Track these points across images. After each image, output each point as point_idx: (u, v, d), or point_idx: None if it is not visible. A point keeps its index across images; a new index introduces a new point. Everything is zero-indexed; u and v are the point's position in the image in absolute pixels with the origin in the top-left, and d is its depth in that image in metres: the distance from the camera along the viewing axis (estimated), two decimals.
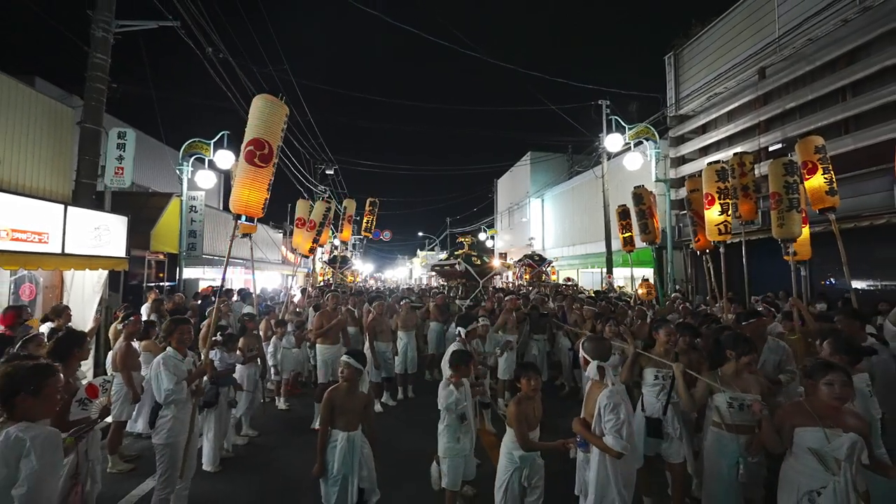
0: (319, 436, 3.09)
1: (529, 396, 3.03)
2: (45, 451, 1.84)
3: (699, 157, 13.20)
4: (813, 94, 9.47)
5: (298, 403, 6.76)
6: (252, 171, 4.00)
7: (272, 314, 7.40)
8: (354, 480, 3.02)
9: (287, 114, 4.11)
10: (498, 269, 11.39)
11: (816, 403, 2.41)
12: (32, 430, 1.85)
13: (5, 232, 5.50)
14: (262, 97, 3.97)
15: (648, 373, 3.69)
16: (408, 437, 5.38)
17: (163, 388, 3.14)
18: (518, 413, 2.95)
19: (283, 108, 4.05)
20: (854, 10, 8.62)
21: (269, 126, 3.92)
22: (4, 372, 1.92)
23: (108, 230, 7.30)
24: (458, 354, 3.63)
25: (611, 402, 2.65)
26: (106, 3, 8.15)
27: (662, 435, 3.46)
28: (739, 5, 11.61)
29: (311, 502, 2.93)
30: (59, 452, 1.95)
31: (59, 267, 6.51)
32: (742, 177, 6.57)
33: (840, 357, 2.93)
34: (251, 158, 3.97)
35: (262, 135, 3.92)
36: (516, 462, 2.96)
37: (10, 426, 1.83)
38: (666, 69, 14.35)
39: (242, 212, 4.01)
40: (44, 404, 1.96)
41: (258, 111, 3.97)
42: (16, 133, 6.85)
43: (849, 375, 2.40)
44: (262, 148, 3.87)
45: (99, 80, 8.07)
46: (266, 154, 3.88)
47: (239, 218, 4.28)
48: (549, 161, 26.28)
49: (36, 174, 7.17)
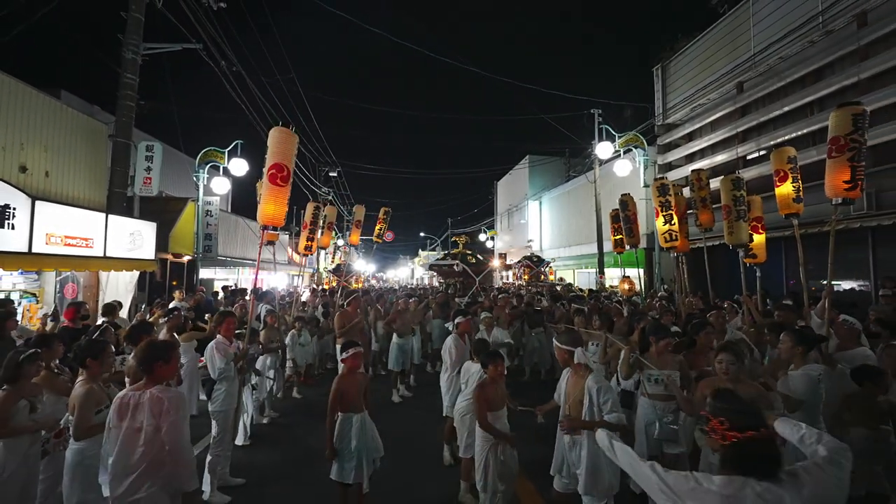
0: (328, 423, 3.46)
1: (495, 381, 3.47)
2: (179, 406, 2.53)
3: (685, 163, 13.96)
4: (784, 108, 10.24)
5: (312, 392, 7.56)
6: (275, 189, 4.81)
7: (283, 311, 8.22)
8: (369, 456, 3.50)
9: (297, 141, 4.93)
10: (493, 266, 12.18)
11: (720, 379, 3.16)
12: (167, 392, 2.55)
13: (60, 238, 6.33)
14: (277, 129, 4.78)
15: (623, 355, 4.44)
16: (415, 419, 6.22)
17: (217, 366, 3.94)
18: (480, 395, 3.40)
19: (295, 136, 4.87)
20: (818, 32, 9.39)
21: (285, 152, 4.75)
22: (147, 344, 2.71)
23: (141, 235, 8.14)
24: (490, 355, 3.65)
25: (600, 384, 2.97)
26: (135, 27, 8.96)
27: (633, 405, 4.12)
28: (719, 23, 12.39)
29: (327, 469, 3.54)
30: (186, 408, 2.65)
31: (101, 268, 7.34)
32: (700, 190, 7.35)
33: (797, 347, 3.46)
34: (274, 179, 4.78)
35: (281, 159, 4.74)
36: (490, 439, 3.40)
37: (152, 388, 2.57)
38: (654, 80, 15.14)
39: (268, 223, 4.83)
40: (171, 370, 2.72)
41: (276, 140, 4.78)
42: (60, 149, 7.69)
43: (737, 356, 3.16)
44: (282, 171, 4.69)
45: (129, 97, 8.89)
46: (285, 175, 4.71)
47: (266, 228, 5.10)
48: (546, 164, 27.02)
49: (78, 185, 8.01)
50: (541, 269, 17.07)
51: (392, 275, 56.15)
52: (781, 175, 6.00)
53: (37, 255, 5.92)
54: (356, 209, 10.34)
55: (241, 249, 18.01)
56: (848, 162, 4.47)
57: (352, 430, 3.44)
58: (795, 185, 5.86)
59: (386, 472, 4.00)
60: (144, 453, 2.46)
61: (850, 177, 4.47)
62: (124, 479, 2.45)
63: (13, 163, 6.72)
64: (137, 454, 2.46)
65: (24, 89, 6.98)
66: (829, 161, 4.63)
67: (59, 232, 6.30)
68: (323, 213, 8.67)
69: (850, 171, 4.47)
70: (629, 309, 7.87)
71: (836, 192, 4.58)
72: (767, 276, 8.84)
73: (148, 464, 2.47)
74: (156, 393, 2.51)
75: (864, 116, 4.49)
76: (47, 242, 6.10)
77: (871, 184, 8.55)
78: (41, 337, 3.76)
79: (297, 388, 7.46)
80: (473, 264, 11.51)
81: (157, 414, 2.49)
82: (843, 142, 4.49)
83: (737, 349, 3.27)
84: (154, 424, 2.48)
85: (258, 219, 5.01)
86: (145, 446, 2.47)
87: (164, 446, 2.48)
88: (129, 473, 2.45)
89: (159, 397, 2.50)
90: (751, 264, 6.96)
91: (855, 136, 4.46)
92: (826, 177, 4.65)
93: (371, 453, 3.54)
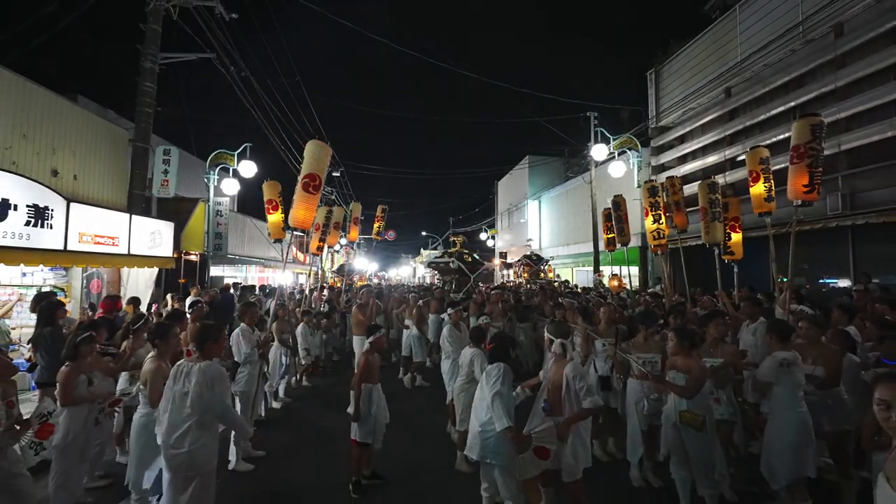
0: (357, 392, 4.08)
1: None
2: (218, 380, 3.07)
3: (678, 165, 14.46)
4: (768, 112, 10.75)
5: (319, 381, 8.11)
6: (306, 196, 5.36)
7: (294, 305, 8.77)
8: (381, 421, 4.20)
9: (331, 154, 5.47)
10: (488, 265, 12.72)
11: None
12: (211, 368, 3.08)
13: (90, 237, 6.87)
14: (313, 142, 5.31)
15: (598, 343, 4.97)
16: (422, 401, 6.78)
17: (242, 351, 4.48)
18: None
19: (328, 149, 5.40)
20: (799, 41, 9.88)
21: (318, 163, 5.28)
22: (201, 326, 3.27)
23: (160, 234, 8.68)
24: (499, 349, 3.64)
25: (576, 372, 3.28)
26: (153, 38, 9.49)
27: (611, 388, 4.73)
28: (708, 31, 12.90)
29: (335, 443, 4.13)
30: (226, 381, 3.20)
31: (126, 265, 7.88)
32: (674, 195, 7.87)
33: (770, 335, 3.82)
34: (307, 187, 5.33)
35: (314, 170, 5.28)
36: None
37: (203, 363, 3.10)
38: (648, 84, 15.65)
39: (298, 226, 5.39)
40: (219, 349, 3.28)
41: (311, 152, 5.32)
42: (86, 154, 8.25)
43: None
44: (315, 180, 5.23)
45: (147, 104, 9.41)
46: (317, 184, 5.25)
47: (293, 231, 5.66)
48: (546, 165, 27.51)
49: (102, 187, 8.57)
50: (539, 267, 17.59)
51: (394, 273, 56.66)
52: (754, 175, 6.37)
53: (71, 252, 6.46)
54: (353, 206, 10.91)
55: (248, 248, 18.56)
56: (807, 168, 4.99)
57: (371, 398, 4.12)
58: (767, 185, 6.18)
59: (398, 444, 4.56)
60: (190, 413, 3.02)
61: (808, 181, 5.00)
62: (174, 431, 3.02)
63: (46, 167, 7.27)
64: (185, 413, 3.02)
65: (56, 100, 7.53)
66: (791, 167, 5.15)
67: (89, 231, 6.84)
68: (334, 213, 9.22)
69: (808, 176, 4.99)
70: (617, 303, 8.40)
71: (797, 195, 5.10)
72: (755, 272, 9.35)
73: (195, 421, 3.03)
74: (203, 367, 3.07)
75: (821, 127, 5.01)
76: (79, 241, 6.64)
77: (846, 185, 9.07)
78: (91, 323, 4.30)
79: (307, 377, 8.00)
80: (469, 262, 12.09)
81: (201, 384, 3.04)
82: (802, 149, 5.01)
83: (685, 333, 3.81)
84: (198, 391, 3.03)
85: (289, 221, 5.56)
86: (191, 407, 3.02)
87: (209, 411, 3.05)
88: (178, 427, 3.01)
89: (204, 371, 3.06)
90: (729, 261, 7.47)
91: (813, 144, 4.98)
92: (788, 181, 5.17)
93: (382, 419, 4.21)
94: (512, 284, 17.85)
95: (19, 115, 6.82)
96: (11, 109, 6.69)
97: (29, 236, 5.77)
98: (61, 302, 5.34)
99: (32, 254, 5.87)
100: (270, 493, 4.24)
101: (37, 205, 5.89)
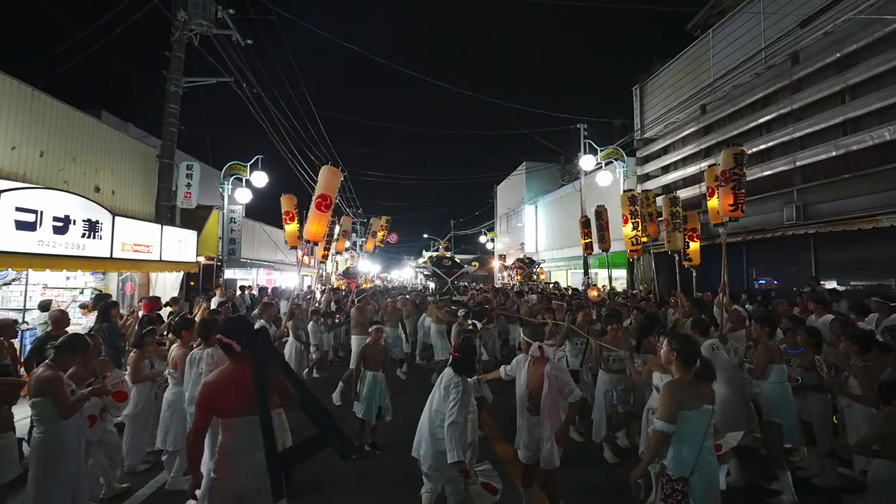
0: (354, 375, 5.09)
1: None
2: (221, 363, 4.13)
3: (660, 174, 15.45)
4: (737, 129, 11.73)
5: (327, 374, 9.10)
6: (319, 214, 6.41)
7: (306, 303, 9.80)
8: (376, 402, 5.07)
9: (341, 177, 6.52)
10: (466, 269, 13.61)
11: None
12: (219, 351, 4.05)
13: (130, 246, 7.93)
14: (326, 168, 6.36)
15: (569, 342, 5.88)
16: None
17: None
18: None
19: (339, 173, 6.46)
20: (762, 66, 10.87)
21: (330, 186, 6.34)
22: (202, 321, 4.27)
23: (186, 242, 9.75)
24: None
25: (558, 370, 3.50)
26: (177, 64, 10.57)
27: (579, 381, 5.39)
28: (686, 52, 13.90)
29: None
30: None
31: (158, 270, 8.95)
32: (648, 206, 8.87)
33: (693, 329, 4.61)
34: (320, 206, 6.38)
35: (326, 191, 6.34)
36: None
37: (209, 348, 4.07)
38: (633, 98, 16.66)
39: (312, 239, 6.44)
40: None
41: (324, 176, 6.37)
42: (122, 171, 9.32)
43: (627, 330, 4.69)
44: (326, 200, 6.29)
45: (172, 124, 10.49)
46: (328, 203, 6.31)
47: (308, 243, 6.71)
48: (542, 171, 28.49)
49: (134, 200, 9.65)
50: (532, 269, 18.59)
51: (396, 275, 57.65)
52: (710, 191, 7.36)
53: (115, 259, 7.52)
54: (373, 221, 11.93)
55: (257, 252, 19.64)
56: (731, 190, 5.99)
57: (366, 382, 5.10)
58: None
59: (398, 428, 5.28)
60: None
61: (733, 201, 5.99)
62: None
63: (90, 184, 8.35)
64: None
65: (98, 125, 8.64)
66: (720, 189, 6.15)
67: (129, 240, 7.89)
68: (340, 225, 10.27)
69: (733, 197, 5.99)
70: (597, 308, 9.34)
71: (725, 213, 6.10)
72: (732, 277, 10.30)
73: None
74: (209, 351, 4.00)
75: (742, 156, 6.01)
76: (122, 249, 7.69)
77: (800, 198, 10.04)
78: (150, 319, 5.35)
79: (316, 370, 9.02)
80: (448, 266, 13.04)
81: (211, 364, 3.91)
82: (728, 174, 6.01)
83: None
84: (208, 370, 3.88)
85: (304, 235, 6.64)
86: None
87: None
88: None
89: (210, 354, 3.97)
90: (688, 266, 8.45)
91: (736, 170, 5.98)
92: (718, 201, 6.17)
93: (378, 401, 5.12)
94: (510, 287, 18.85)
95: (70, 141, 7.91)
96: (65, 137, 7.79)
97: (84, 247, 6.83)
98: (115, 302, 6.40)
99: (87, 261, 6.93)
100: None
101: (90, 219, 6.95)
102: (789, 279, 11.05)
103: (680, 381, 2.93)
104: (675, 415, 2.77)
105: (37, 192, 6.14)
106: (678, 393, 2.83)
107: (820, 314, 5.83)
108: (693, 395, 2.83)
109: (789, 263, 11.03)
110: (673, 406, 2.79)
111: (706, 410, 2.81)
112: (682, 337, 3.19)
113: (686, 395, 2.82)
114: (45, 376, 3.27)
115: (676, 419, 2.77)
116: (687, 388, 2.86)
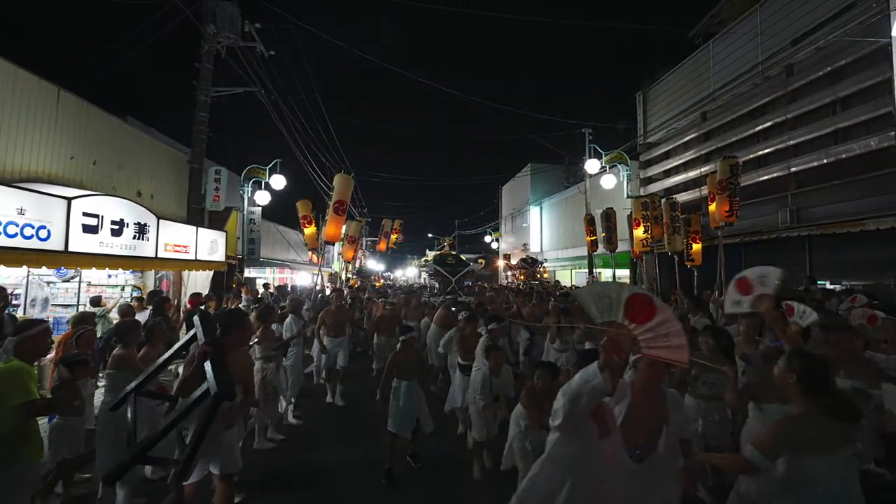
0: (383, 384, 4.37)
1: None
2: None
3: (663, 178, 16.06)
4: (735, 136, 12.33)
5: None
6: (336, 217, 7.09)
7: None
8: (413, 415, 4.34)
9: (353, 183, 7.19)
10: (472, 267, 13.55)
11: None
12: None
13: (171, 246, 8.58)
14: (340, 175, 7.03)
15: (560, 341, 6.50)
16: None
17: (293, 331, 6.12)
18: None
19: (351, 180, 7.13)
20: (759, 77, 11.47)
21: (344, 191, 7.01)
22: (267, 305, 4.93)
23: (216, 242, 10.40)
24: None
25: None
26: (206, 74, 11.23)
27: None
28: (687, 61, 14.51)
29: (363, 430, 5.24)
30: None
31: (194, 269, 9.60)
32: (654, 210, 9.49)
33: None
34: (336, 210, 7.05)
35: (341, 197, 7.02)
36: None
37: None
38: (637, 104, 17.26)
39: (330, 240, 7.13)
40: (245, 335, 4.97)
41: (338, 183, 7.05)
42: (159, 176, 9.99)
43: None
44: (342, 205, 6.95)
45: (201, 131, 11.13)
46: (343, 208, 6.97)
47: (326, 244, 7.37)
48: (547, 173, 29.09)
49: (169, 203, 10.31)
50: (535, 268, 19.21)
51: (400, 274, 58.29)
52: (712, 196, 8.05)
53: (160, 258, 8.17)
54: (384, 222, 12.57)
55: (272, 251, 20.31)
56: (727, 198, 6.62)
57: (401, 393, 4.37)
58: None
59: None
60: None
61: (728, 207, 6.62)
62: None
63: (133, 189, 9.02)
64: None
65: (141, 135, 9.32)
66: (717, 197, 6.78)
67: (171, 241, 8.54)
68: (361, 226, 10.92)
69: (729, 204, 6.62)
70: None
71: (721, 218, 6.73)
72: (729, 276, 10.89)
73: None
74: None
75: (737, 166, 6.64)
76: (164, 250, 8.34)
77: (794, 202, 10.64)
78: (192, 314, 6.00)
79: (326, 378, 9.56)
80: (451, 265, 12.73)
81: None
82: (724, 183, 6.65)
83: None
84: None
85: (323, 236, 7.30)
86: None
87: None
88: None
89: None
90: (690, 266, 9.09)
91: (731, 179, 6.61)
92: (715, 207, 6.80)
93: (415, 413, 4.40)
94: (509, 284, 19.51)
95: (117, 151, 8.59)
96: (113, 147, 8.47)
97: (135, 247, 7.49)
98: (168, 297, 7.06)
99: (137, 261, 7.58)
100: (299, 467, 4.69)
101: (139, 222, 7.60)
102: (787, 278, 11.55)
103: (801, 418, 2.09)
104: (778, 454, 2.05)
105: (98, 198, 6.80)
106: (794, 433, 2.05)
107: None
108: (821, 436, 2.00)
109: (785, 264, 11.57)
110: (778, 444, 2.06)
111: (847, 456, 2.01)
112: (805, 355, 2.21)
113: (808, 437, 2.01)
114: (120, 354, 3.88)
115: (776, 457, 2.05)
116: (810, 428, 2.03)
